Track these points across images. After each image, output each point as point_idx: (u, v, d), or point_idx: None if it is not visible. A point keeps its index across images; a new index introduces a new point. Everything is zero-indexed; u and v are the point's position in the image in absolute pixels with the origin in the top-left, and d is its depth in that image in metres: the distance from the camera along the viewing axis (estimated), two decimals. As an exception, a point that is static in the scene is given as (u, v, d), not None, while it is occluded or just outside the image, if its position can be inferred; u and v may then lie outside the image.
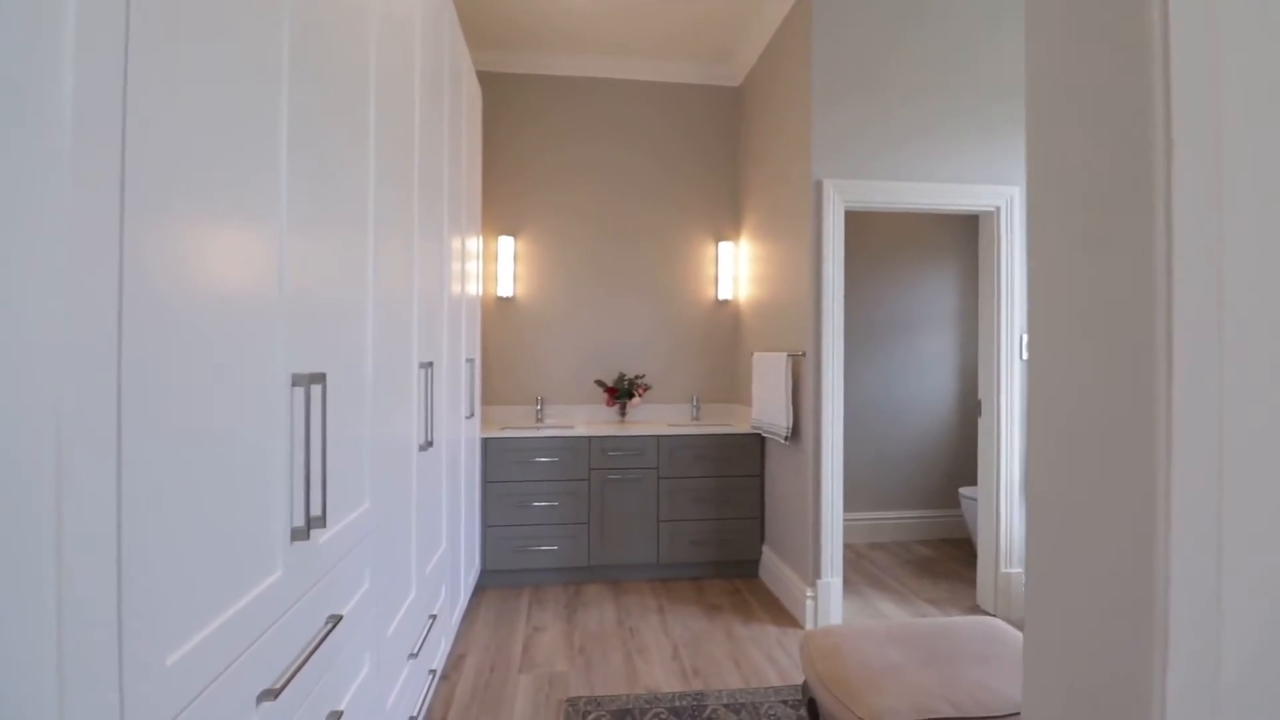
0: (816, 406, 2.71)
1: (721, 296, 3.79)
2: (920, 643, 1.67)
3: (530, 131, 3.66)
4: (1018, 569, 2.82)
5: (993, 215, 2.80)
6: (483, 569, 3.14)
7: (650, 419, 3.73)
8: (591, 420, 3.67)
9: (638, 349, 3.75)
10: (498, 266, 3.62)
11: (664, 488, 3.25)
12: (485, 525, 3.12)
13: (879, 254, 3.96)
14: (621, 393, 3.59)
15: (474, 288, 2.99)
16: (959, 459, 4.06)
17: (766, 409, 3.07)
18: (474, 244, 2.98)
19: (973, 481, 4.08)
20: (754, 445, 3.31)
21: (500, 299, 3.64)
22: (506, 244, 3.62)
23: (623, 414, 3.65)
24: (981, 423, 2.89)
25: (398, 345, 1.61)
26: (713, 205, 3.81)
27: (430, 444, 1.88)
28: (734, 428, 3.37)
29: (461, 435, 2.59)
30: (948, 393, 4.03)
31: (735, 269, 3.79)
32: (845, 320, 2.84)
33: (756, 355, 3.22)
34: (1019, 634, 1.75)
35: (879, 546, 3.91)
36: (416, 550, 1.82)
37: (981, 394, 2.89)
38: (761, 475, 3.33)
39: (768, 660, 2.43)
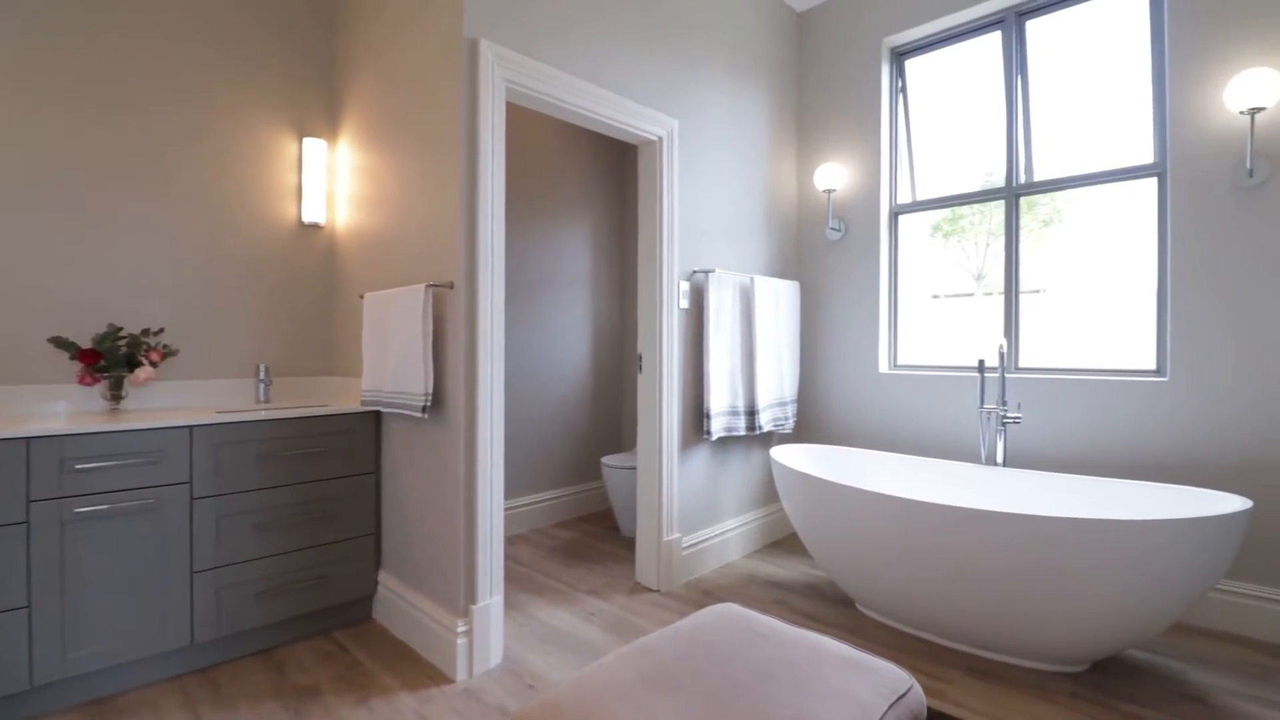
0: (470, 359, 1.92)
1: (309, 219, 2.57)
2: (685, 675, 1.09)
3: None
4: (678, 534, 2.61)
5: (655, 145, 2.51)
6: None
7: (177, 404, 2.27)
8: (52, 413, 1.99)
9: (152, 289, 2.23)
10: None
11: (204, 515, 1.93)
12: None
13: (511, 201, 3.38)
14: (113, 360, 2.04)
15: None
16: (598, 429, 3.83)
17: (389, 371, 2.10)
18: None
19: (611, 450, 3.91)
20: (366, 430, 2.28)
21: None
22: None
23: (117, 397, 2.09)
24: (642, 380, 2.59)
25: None
26: (294, 85, 2.56)
27: None
28: (332, 407, 2.26)
29: None
30: (583, 357, 3.75)
31: (331, 182, 2.64)
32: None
33: (370, 296, 2.21)
34: (767, 619, 1.36)
35: (518, 539, 3.34)
36: None
37: (643, 347, 2.59)
38: (378, 472, 2.33)
39: (410, 757, 1.53)
